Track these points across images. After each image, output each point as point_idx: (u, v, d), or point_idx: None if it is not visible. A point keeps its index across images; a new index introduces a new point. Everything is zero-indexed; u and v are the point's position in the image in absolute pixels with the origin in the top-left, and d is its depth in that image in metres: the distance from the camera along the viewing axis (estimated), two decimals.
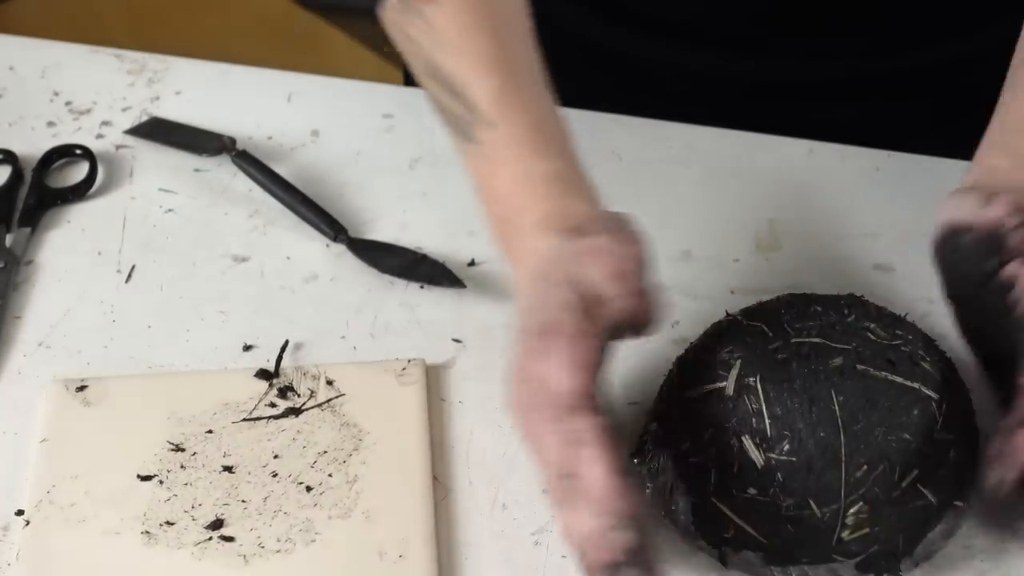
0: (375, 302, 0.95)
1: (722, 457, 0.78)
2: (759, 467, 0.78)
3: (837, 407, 0.77)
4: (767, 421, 0.78)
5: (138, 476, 0.84)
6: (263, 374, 0.89)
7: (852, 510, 0.77)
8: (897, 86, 1.08)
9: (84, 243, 0.99)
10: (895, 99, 1.09)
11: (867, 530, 0.77)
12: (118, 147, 1.05)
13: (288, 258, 0.98)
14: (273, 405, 0.88)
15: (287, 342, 0.91)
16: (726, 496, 0.78)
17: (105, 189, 1.03)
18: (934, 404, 0.78)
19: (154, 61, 1.12)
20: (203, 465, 0.85)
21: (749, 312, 0.84)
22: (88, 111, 1.08)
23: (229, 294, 0.95)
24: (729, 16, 1.05)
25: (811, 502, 0.77)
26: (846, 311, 0.82)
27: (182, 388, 0.89)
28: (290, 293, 0.95)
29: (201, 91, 1.10)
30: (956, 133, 1.09)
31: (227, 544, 0.81)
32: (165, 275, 0.97)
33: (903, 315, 0.84)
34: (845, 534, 0.77)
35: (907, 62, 1.07)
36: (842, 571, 0.77)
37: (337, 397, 0.88)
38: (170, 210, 1.01)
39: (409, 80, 1.23)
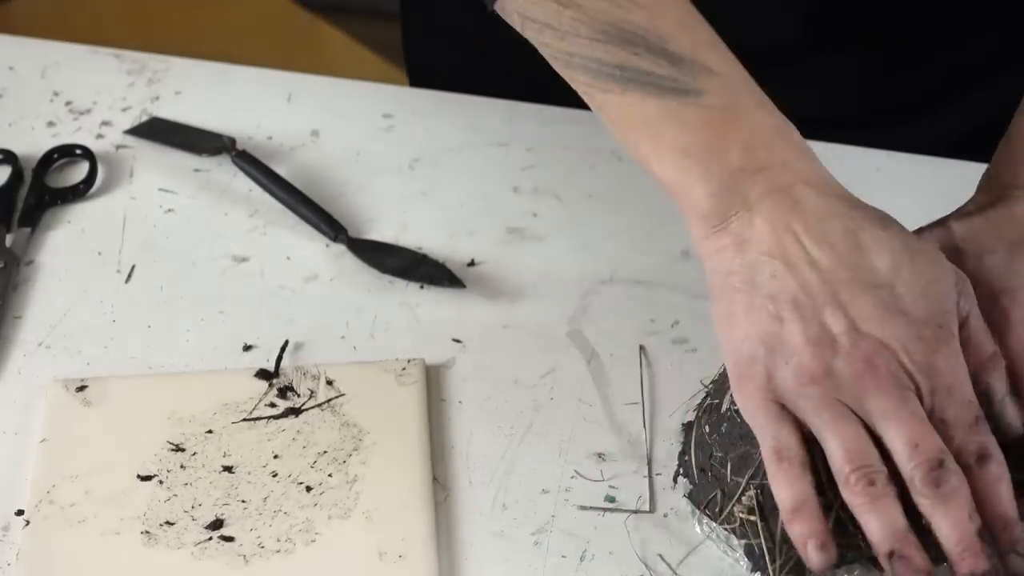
0: (375, 302, 0.95)
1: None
2: (720, 411, 0.81)
3: None
4: None
5: (138, 476, 0.84)
6: (263, 374, 0.89)
7: (749, 492, 0.78)
8: (898, 89, 1.08)
9: (84, 243, 0.99)
10: (896, 99, 1.09)
11: (754, 519, 0.78)
12: (118, 147, 1.05)
13: (288, 258, 0.98)
14: (273, 405, 0.88)
15: (287, 342, 0.91)
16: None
17: (105, 189, 1.03)
18: None
19: (154, 61, 1.12)
20: (203, 465, 0.85)
21: None
22: (88, 111, 1.08)
23: (229, 294, 0.95)
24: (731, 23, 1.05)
25: (729, 462, 0.79)
26: None
27: (182, 388, 0.89)
28: (290, 293, 0.95)
29: (201, 91, 1.10)
30: (956, 133, 1.09)
31: (227, 544, 0.81)
32: (165, 275, 0.97)
33: None
34: (737, 509, 0.78)
35: (910, 71, 1.07)
36: (734, 545, 0.79)
37: (337, 397, 0.88)
38: (170, 210, 1.01)
39: (416, 81, 1.24)
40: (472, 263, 0.97)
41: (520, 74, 0.98)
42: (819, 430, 0.73)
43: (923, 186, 1.00)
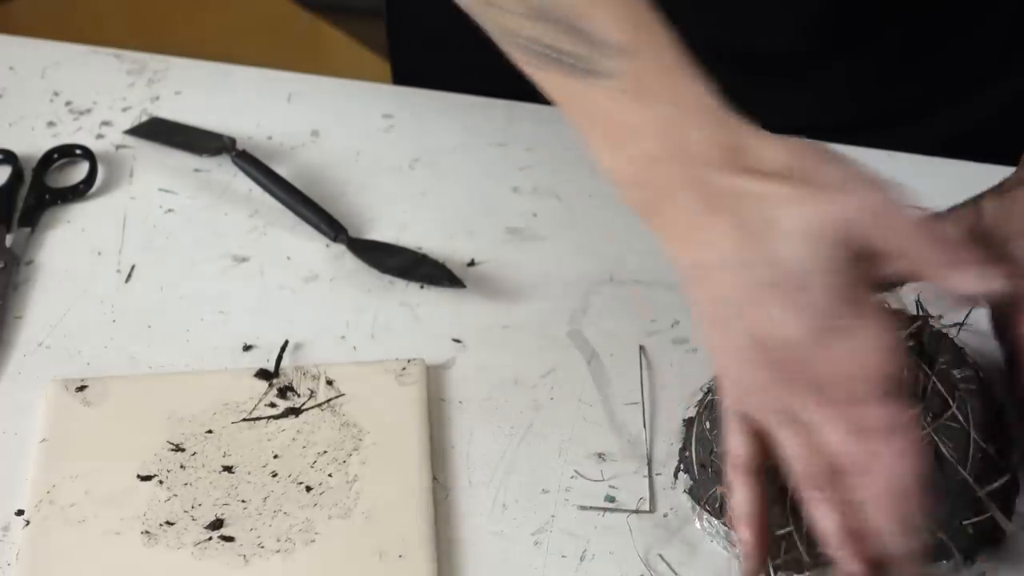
0: (375, 302, 0.95)
1: None
2: (721, 407, 0.80)
3: None
4: None
5: (138, 476, 0.84)
6: (263, 374, 0.89)
7: None
8: (898, 93, 1.09)
9: (84, 243, 0.99)
10: (896, 103, 1.09)
11: None
12: (118, 147, 1.05)
13: (288, 258, 0.98)
14: (273, 405, 0.88)
15: (287, 342, 0.91)
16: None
17: (105, 189, 1.03)
18: None
19: (154, 61, 1.12)
20: (203, 465, 0.85)
21: None
22: (88, 111, 1.08)
23: (229, 294, 0.95)
24: (731, 27, 1.05)
25: None
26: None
27: (182, 388, 0.89)
28: (290, 293, 0.95)
29: (201, 91, 1.10)
30: (957, 131, 1.09)
31: (227, 544, 0.81)
32: (165, 275, 0.97)
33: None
34: None
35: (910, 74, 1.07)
36: (734, 541, 0.79)
37: (337, 397, 0.88)
38: (170, 210, 1.01)
39: (400, 80, 1.24)
40: (472, 263, 0.97)
41: (505, 77, 0.99)
42: (773, 435, 0.73)
43: (923, 186, 1.00)
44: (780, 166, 0.71)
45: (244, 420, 0.87)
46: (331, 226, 0.98)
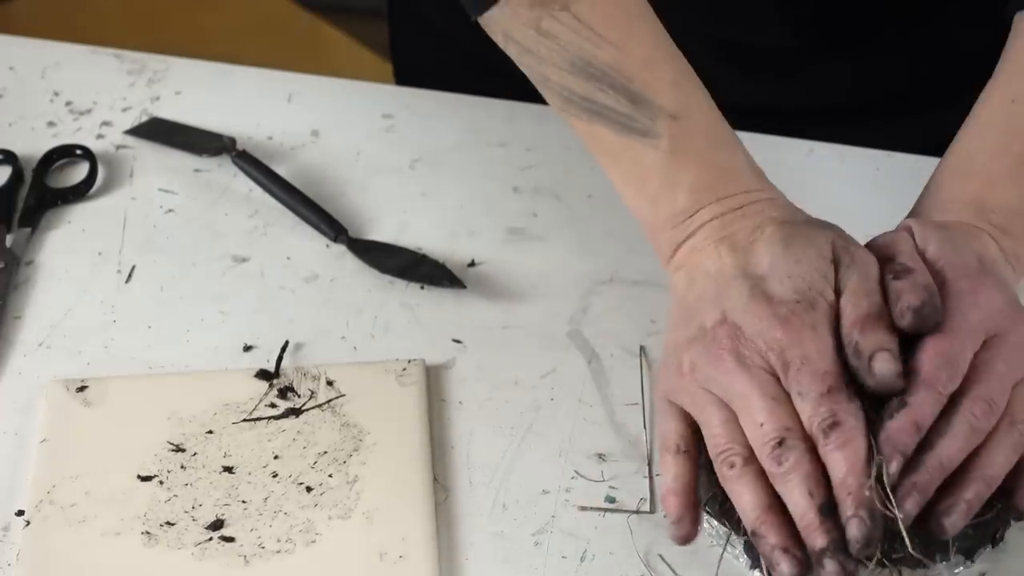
0: (375, 302, 0.95)
1: None
2: None
3: None
4: None
5: (138, 476, 0.84)
6: (263, 374, 0.89)
7: None
8: (894, 89, 1.09)
9: (84, 243, 0.99)
10: (889, 97, 1.09)
11: None
12: (118, 147, 1.05)
13: (288, 258, 0.98)
14: (273, 405, 0.88)
15: (287, 342, 0.91)
16: None
17: (105, 189, 1.03)
18: None
19: (154, 61, 1.12)
20: (203, 465, 0.85)
21: None
22: (88, 111, 1.08)
23: (229, 294, 0.95)
24: (730, 25, 1.05)
25: None
26: None
27: (182, 388, 0.89)
28: (290, 293, 0.95)
29: (201, 91, 1.10)
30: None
31: (227, 544, 0.81)
32: (165, 275, 0.97)
33: None
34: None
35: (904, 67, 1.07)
36: (734, 541, 0.79)
37: (337, 397, 0.88)
38: (170, 210, 1.01)
39: (402, 80, 1.24)
40: (472, 263, 0.97)
41: (506, 76, 0.99)
42: (696, 421, 0.78)
43: (922, 186, 1.00)
44: (765, 262, 0.78)
45: (244, 420, 0.87)
46: (331, 226, 0.98)
